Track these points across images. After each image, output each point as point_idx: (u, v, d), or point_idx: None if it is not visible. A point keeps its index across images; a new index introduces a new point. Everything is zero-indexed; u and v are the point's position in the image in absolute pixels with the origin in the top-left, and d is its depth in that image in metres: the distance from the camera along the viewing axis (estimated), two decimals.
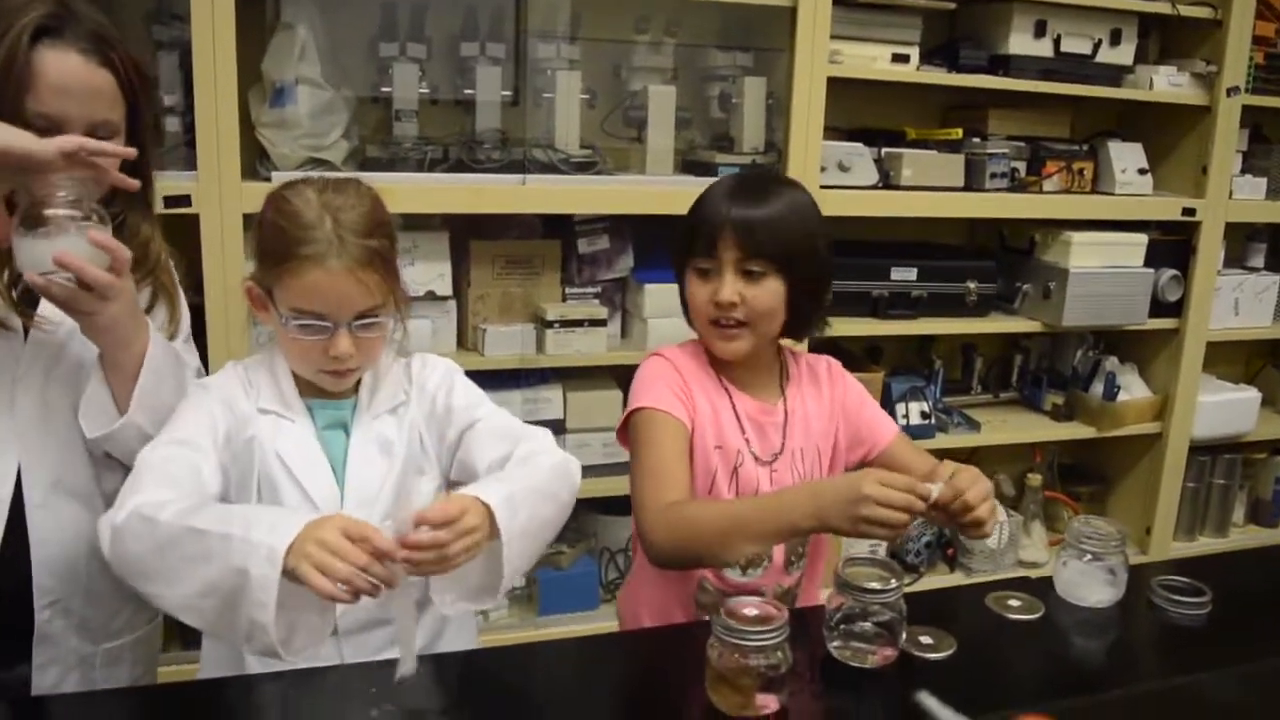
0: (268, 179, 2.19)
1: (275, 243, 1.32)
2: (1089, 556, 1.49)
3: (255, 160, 2.25)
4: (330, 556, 1.09)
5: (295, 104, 2.22)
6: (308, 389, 1.40)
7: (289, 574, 1.09)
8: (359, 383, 1.43)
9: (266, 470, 1.35)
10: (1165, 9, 2.86)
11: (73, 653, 1.39)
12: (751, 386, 1.58)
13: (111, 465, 1.39)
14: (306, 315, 1.31)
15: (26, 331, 1.33)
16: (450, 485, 1.43)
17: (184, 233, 2.11)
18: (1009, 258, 3.01)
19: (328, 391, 1.40)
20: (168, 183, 2.08)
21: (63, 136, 1.20)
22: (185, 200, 2.08)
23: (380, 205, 1.38)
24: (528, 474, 1.32)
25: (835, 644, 1.30)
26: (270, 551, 1.09)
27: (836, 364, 1.67)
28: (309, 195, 1.33)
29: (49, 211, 1.19)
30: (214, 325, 2.11)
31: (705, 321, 1.52)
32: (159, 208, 2.04)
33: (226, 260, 2.10)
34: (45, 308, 1.30)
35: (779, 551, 1.54)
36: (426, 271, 2.38)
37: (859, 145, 2.67)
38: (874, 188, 2.65)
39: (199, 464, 1.27)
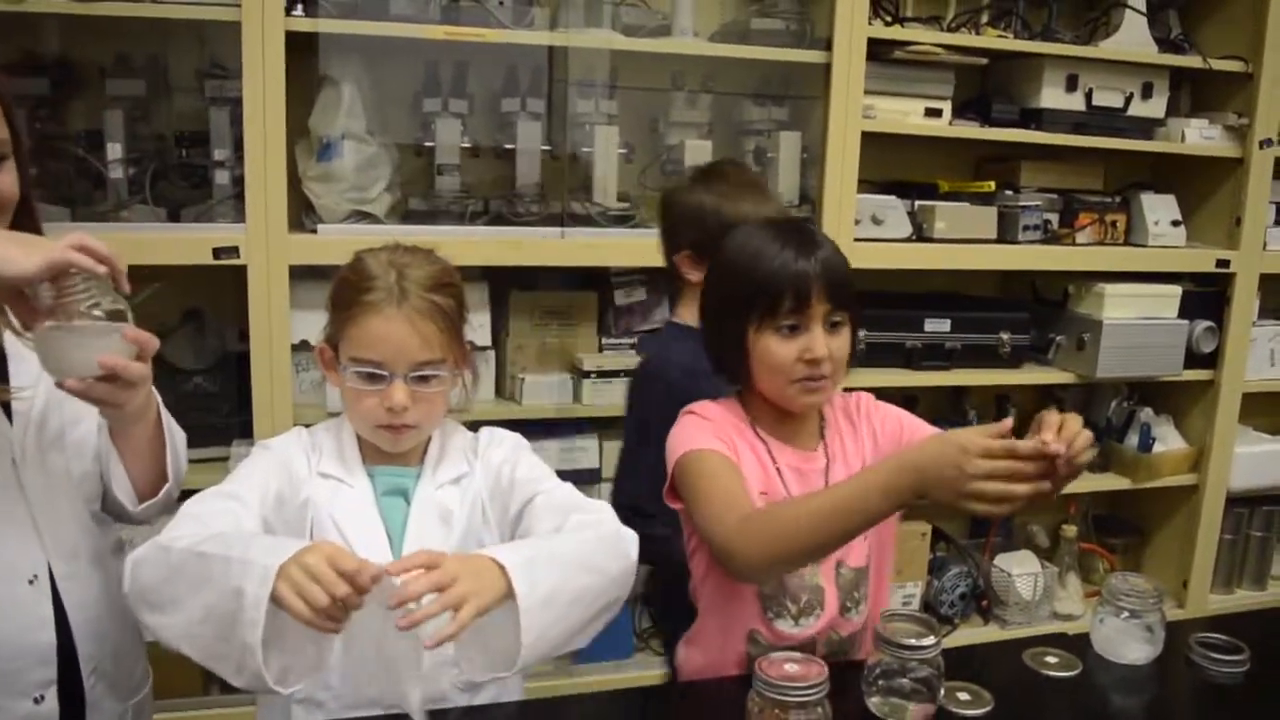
0: (313, 231, 2.25)
1: (341, 295, 1.37)
2: (1126, 614, 1.49)
3: (301, 213, 2.31)
4: (310, 582, 1.09)
5: (341, 158, 2.28)
6: (372, 455, 1.42)
7: (276, 599, 1.10)
8: (425, 452, 1.44)
9: (320, 533, 1.36)
10: (1197, 63, 2.88)
11: (109, 713, 1.40)
12: (790, 437, 1.55)
13: (104, 519, 1.42)
14: (364, 364, 1.34)
15: (4, 405, 1.30)
16: None
17: (232, 283, 2.18)
18: (1042, 309, 3.02)
19: (392, 458, 1.42)
20: (217, 234, 2.15)
21: (50, 252, 1.14)
22: (234, 251, 2.13)
23: (450, 271, 1.41)
24: (565, 541, 1.30)
25: (874, 700, 1.30)
26: (264, 571, 1.10)
27: (868, 397, 1.64)
28: (381, 255, 1.38)
29: (85, 310, 1.16)
30: (258, 374, 2.16)
31: (787, 380, 1.47)
32: (208, 259, 2.12)
33: (272, 310, 2.15)
34: (16, 376, 1.30)
35: (832, 598, 1.51)
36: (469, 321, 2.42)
37: (892, 198, 2.70)
38: (907, 240, 2.68)
39: (240, 517, 1.29)
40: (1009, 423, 1.26)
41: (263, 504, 1.33)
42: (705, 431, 1.49)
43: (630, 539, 1.37)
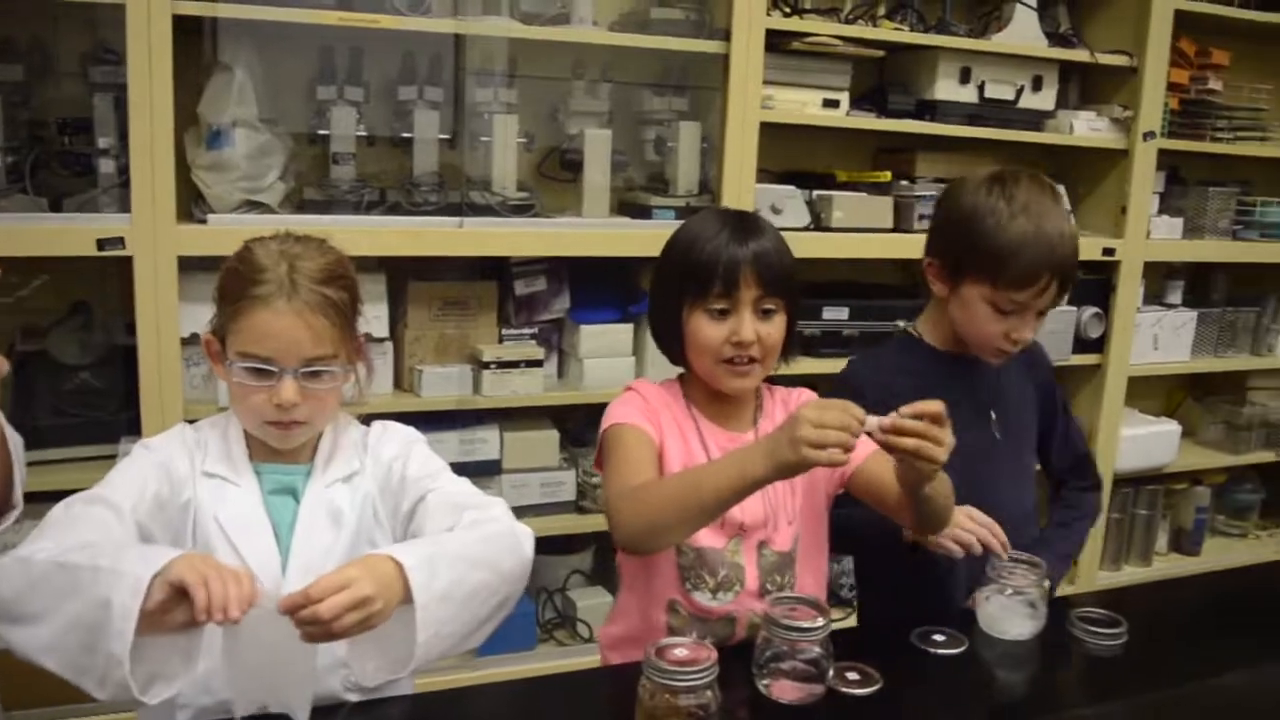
0: (203, 221, 2.20)
1: (229, 287, 1.33)
2: (1010, 591, 1.53)
3: (190, 203, 2.25)
4: (207, 567, 1.08)
5: (232, 146, 2.23)
6: (260, 453, 1.39)
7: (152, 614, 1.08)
8: (316, 449, 1.41)
9: (204, 535, 1.33)
10: (1084, 57, 2.97)
11: None
12: (723, 419, 1.59)
13: None
14: (252, 359, 1.30)
15: None
16: None
17: (118, 275, 2.12)
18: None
19: (280, 455, 1.38)
20: (101, 224, 2.09)
21: None
22: (119, 242, 2.07)
23: (344, 262, 1.38)
24: (460, 538, 1.29)
25: (764, 682, 1.32)
26: (136, 581, 1.07)
27: (810, 394, 1.66)
28: (271, 245, 1.34)
29: None
30: (146, 369, 2.11)
31: (716, 360, 1.51)
32: (92, 250, 2.06)
33: (160, 303, 2.10)
34: None
35: (752, 577, 1.53)
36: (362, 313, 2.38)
37: (791, 188, 2.73)
38: (805, 229, 2.71)
39: (109, 523, 1.24)
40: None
41: (136, 509, 1.28)
42: (634, 408, 1.54)
43: (525, 535, 1.36)
